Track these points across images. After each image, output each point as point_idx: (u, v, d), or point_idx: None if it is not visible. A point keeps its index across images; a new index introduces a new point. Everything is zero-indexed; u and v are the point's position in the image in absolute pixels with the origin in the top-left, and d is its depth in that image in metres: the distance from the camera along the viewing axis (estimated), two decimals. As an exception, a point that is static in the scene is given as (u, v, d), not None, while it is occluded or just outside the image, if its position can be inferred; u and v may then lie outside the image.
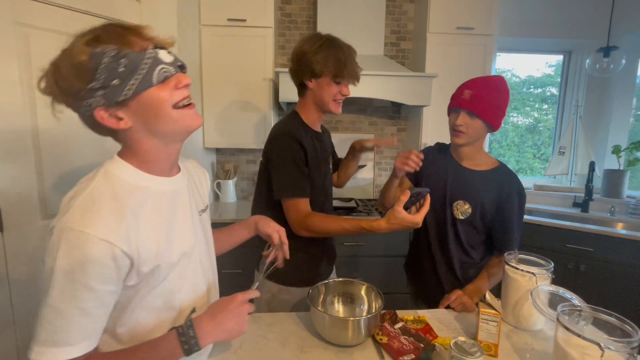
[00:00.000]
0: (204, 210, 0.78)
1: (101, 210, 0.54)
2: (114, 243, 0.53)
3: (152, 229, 0.60)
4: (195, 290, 0.71)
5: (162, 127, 0.59)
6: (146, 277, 0.60)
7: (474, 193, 1.11)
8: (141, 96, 0.55)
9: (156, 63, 0.56)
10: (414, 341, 0.86)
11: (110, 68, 0.53)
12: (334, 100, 1.10)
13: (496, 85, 1.04)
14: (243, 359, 0.81)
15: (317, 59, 1.03)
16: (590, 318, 0.73)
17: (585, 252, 1.91)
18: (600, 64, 2.24)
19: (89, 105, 0.54)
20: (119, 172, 0.60)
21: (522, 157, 2.94)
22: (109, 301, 0.57)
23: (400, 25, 2.45)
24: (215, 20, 2.00)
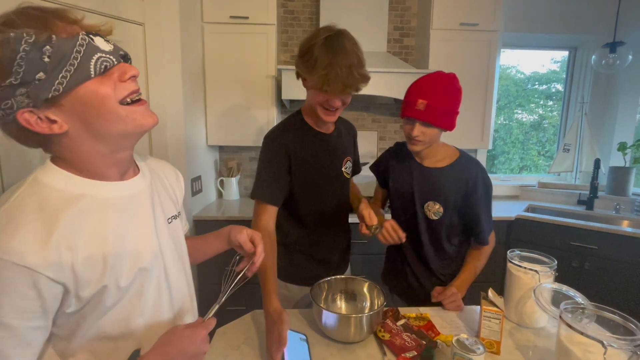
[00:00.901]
0: (175, 217, 0.67)
1: (21, 228, 0.44)
2: (36, 269, 0.43)
3: (97, 245, 0.50)
4: (159, 312, 0.59)
5: (107, 127, 0.48)
6: (91, 301, 0.50)
7: (440, 191, 1.09)
8: (77, 91, 0.45)
9: (92, 51, 0.46)
10: (416, 338, 0.86)
11: (30, 58, 0.42)
12: (321, 107, 0.98)
13: (449, 90, 1.00)
14: (246, 355, 0.82)
15: (302, 63, 0.94)
16: (593, 316, 0.73)
17: (590, 250, 1.89)
18: (607, 59, 2.21)
19: (9, 109, 0.43)
20: (51, 180, 0.49)
21: (527, 155, 2.92)
22: (33, 339, 0.46)
23: (403, 22, 2.43)
24: (218, 17, 2.00)
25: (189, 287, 0.69)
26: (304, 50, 0.94)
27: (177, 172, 0.76)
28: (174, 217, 0.67)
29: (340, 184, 1.14)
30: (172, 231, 0.65)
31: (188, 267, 0.70)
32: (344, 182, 1.16)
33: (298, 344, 0.82)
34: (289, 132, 1.05)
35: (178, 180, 0.74)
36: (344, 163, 1.14)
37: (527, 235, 2.07)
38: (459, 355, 0.70)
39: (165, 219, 0.63)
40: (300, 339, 0.84)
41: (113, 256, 0.51)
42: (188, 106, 1.85)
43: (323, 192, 1.09)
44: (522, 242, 2.06)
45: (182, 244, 0.69)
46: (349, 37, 0.94)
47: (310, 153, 1.06)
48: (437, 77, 1.01)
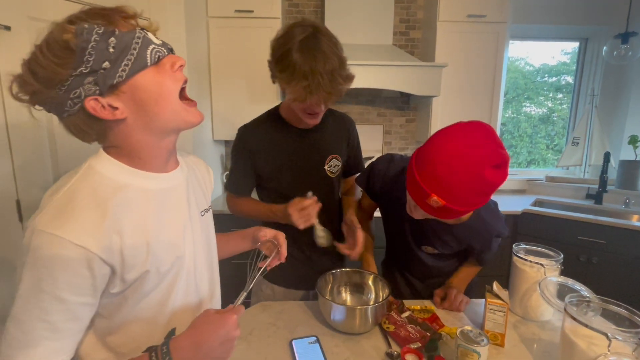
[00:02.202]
0: (206, 210, 0.72)
1: (78, 211, 0.48)
2: (91, 249, 0.47)
3: (141, 231, 0.54)
4: (188, 299, 0.64)
5: (161, 114, 0.53)
6: (134, 284, 0.54)
7: (441, 243, 0.95)
8: (136, 79, 0.50)
9: (147, 43, 0.50)
10: (421, 330, 0.87)
11: (99, 48, 0.46)
12: (303, 112, 0.92)
13: (483, 189, 0.70)
14: (253, 345, 0.83)
15: (279, 71, 0.84)
16: (599, 309, 0.73)
17: (598, 244, 1.88)
18: (618, 50, 2.16)
19: (78, 97, 0.48)
20: (103, 168, 0.54)
21: (535, 148, 2.88)
22: (82, 314, 0.50)
23: (409, 14, 2.40)
24: (223, 11, 2.00)
25: (215, 277, 0.74)
26: (278, 57, 0.83)
27: (209, 167, 0.80)
28: (205, 210, 0.71)
29: (322, 184, 1.06)
30: (204, 223, 0.70)
31: (215, 258, 0.75)
32: (328, 182, 1.07)
33: (308, 348, 0.81)
34: (258, 128, 1.02)
35: (209, 175, 0.79)
36: (327, 161, 1.05)
37: (533, 229, 2.06)
38: (463, 346, 0.71)
39: (198, 211, 0.68)
40: (310, 343, 0.83)
41: (154, 244, 0.55)
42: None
43: (297, 189, 0.98)
44: (528, 237, 2.05)
45: (212, 236, 0.74)
46: (326, 34, 0.83)
47: (282, 150, 1.01)
48: (467, 172, 0.68)
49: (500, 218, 0.96)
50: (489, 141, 0.69)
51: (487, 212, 0.92)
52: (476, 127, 0.71)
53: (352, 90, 2.13)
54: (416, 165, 0.75)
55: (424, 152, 0.74)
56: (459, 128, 0.72)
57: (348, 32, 2.15)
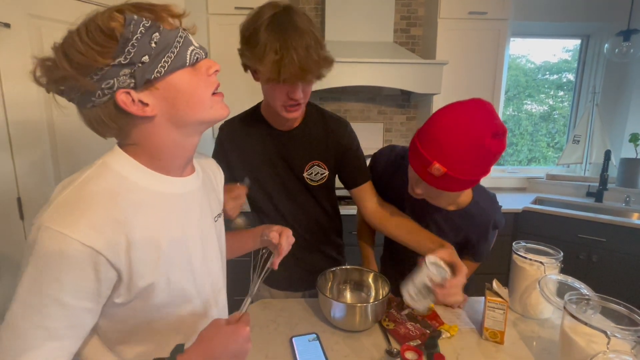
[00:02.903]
0: (220, 215, 0.69)
1: (88, 209, 0.45)
2: (99, 250, 0.44)
3: (151, 237, 0.51)
4: (200, 308, 0.61)
5: (190, 114, 0.52)
6: (141, 295, 0.51)
7: (439, 232, 0.94)
8: (172, 77, 0.49)
9: (188, 43, 0.50)
10: (420, 327, 0.87)
11: (142, 42, 0.45)
12: (281, 104, 0.83)
13: (483, 157, 0.72)
14: (253, 342, 0.83)
15: (249, 51, 0.76)
16: (598, 307, 0.73)
17: (598, 242, 1.88)
18: (620, 48, 2.15)
19: (110, 88, 0.46)
20: (119, 167, 0.51)
21: (536, 146, 2.88)
22: (83, 321, 0.47)
23: (410, 11, 2.39)
24: (223, 8, 1.99)
25: (223, 284, 0.72)
26: (247, 36, 0.77)
27: (220, 169, 0.78)
28: (219, 215, 0.69)
29: (301, 193, 0.99)
30: (218, 229, 0.67)
31: (225, 265, 0.73)
32: (308, 191, 0.99)
33: (309, 345, 0.81)
34: (236, 125, 0.97)
35: (221, 176, 0.76)
36: (307, 168, 0.96)
37: (534, 227, 2.06)
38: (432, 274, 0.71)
39: (212, 217, 0.66)
40: (310, 340, 0.83)
41: (165, 252, 0.53)
42: (194, 98, 1.86)
43: (274, 197, 0.95)
44: (528, 235, 2.05)
45: (223, 242, 0.71)
46: (299, 13, 0.77)
47: (256, 151, 0.95)
48: (468, 138, 0.70)
49: (497, 208, 0.97)
50: (487, 112, 0.72)
51: (485, 200, 0.94)
52: (475, 101, 0.74)
53: (353, 88, 2.12)
54: (418, 137, 0.78)
55: (425, 126, 0.77)
56: (458, 103, 0.75)
57: (348, 30, 2.14)
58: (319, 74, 0.79)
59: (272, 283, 1.11)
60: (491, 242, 1.01)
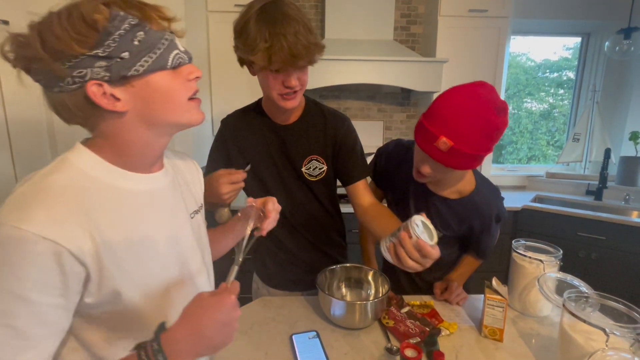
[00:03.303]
0: (197, 212, 0.68)
1: (46, 202, 0.43)
2: (60, 243, 0.42)
3: (113, 234, 0.49)
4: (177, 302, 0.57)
5: (163, 116, 0.51)
6: (112, 293, 0.48)
7: (442, 222, 0.96)
8: (150, 77, 0.48)
9: (172, 47, 0.50)
10: (420, 325, 0.88)
11: (125, 38, 0.45)
12: (277, 93, 0.84)
13: (486, 131, 0.75)
14: (253, 340, 0.84)
15: (242, 44, 0.79)
16: (597, 305, 0.73)
17: (597, 240, 1.88)
18: (621, 46, 2.15)
19: (81, 77, 0.44)
20: (81, 162, 0.50)
21: (535, 144, 2.88)
22: (53, 318, 0.44)
23: (410, 9, 2.38)
24: (223, 6, 1.98)
25: (209, 280, 0.70)
26: (239, 30, 0.80)
27: (197, 165, 0.76)
28: (195, 212, 0.67)
29: (300, 187, 0.98)
30: (195, 225, 0.66)
31: (209, 260, 0.71)
32: (307, 186, 0.99)
33: (309, 343, 0.82)
34: (237, 119, 0.98)
35: (199, 175, 0.75)
36: (306, 162, 0.96)
37: (533, 225, 2.07)
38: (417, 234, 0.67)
39: (187, 214, 0.64)
40: (310, 338, 0.83)
41: (132, 248, 0.51)
42: (194, 96, 1.86)
43: (274, 193, 0.90)
44: (528, 233, 2.05)
45: (203, 238, 0.69)
46: (287, 2, 0.78)
47: (256, 144, 0.96)
48: (474, 110, 0.74)
49: (500, 200, 0.97)
50: (490, 90, 0.78)
51: (488, 189, 0.95)
52: (478, 82, 0.79)
53: (352, 86, 2.12)
54: (424, 117, 0.82)
55: (431, 106, 0.81)
56: (462, 85, 0.80)
57: (348, 27, 2.13)
58: (311, 60, 0.80)
59: (271, 282, 1.12)
60: (495, 237, 1.00)
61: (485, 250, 1.03)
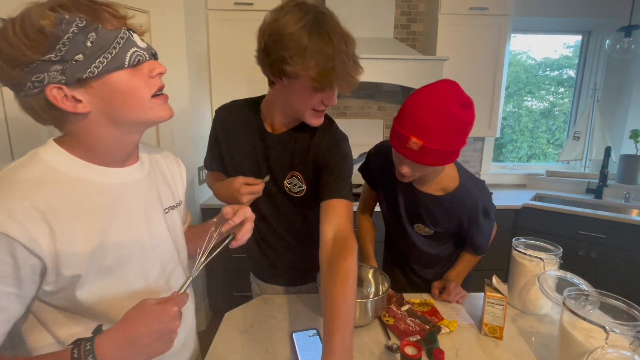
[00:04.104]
0: (172, 207, 0.67)
1: (5, 196, 0.45)
2: (13, 237, 0.44)
3: (79, 227, 0.50)
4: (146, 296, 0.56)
5: (128, 115, 0.51)
6: (70, 283, 0.50)
7: (431, 218, 0.99)
8: (109, 77, 0.48)
9: (129, 45, 0.50)
10: (420, 323, 0.88)
11: (75, 41, 0.45)
12: (312, 110, 0.79)
13: (452, 127, 0.78)
14: (254, 338, 0.84)
15: (291, 60, 0.70)
16: (597, 302, 0.73)
17: (597, 238, 1.88)
18: (621, 44, 2.14)
19: (40, 82, 0.46)
20: (49, 157, 0.51)
21: (536, 143, 2.88)
22: (5, 306, 0.46)
23: (410, 7, 2.37)
24: (222, 4, 1.98)
25: (179, 273, 0.68)
26: (284, 42, 0.69)
27: (180, 162, 0.76)
28: (171, 208, 0.67)
29: (282, 200, 0.93)
30: (169, 221, 0.65)
31: (185, 257, 0.70)
32: (289, 200, 0.93)
33: (309, 341, 0.82)
34: (228, 110, 0.95)
35: (180, 171, 0.74)
36: (287, 177, 0.90)
37: (533, 223, 2.07)
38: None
39: (162, 209, 0.64)
40: (310, 336, 0.84)
41: (96, 241, 0.52)
42: (194, 94, 1.85)
43: (259, 197, 0.85)
44: (528, 231, 2.05)
45: (179, 235, 0.68)
46: (331, 13, 0.74)
47: (245, 145, 0.91)
48: (438, 109, 0.77)
49: (486, 193, 0.98)
50: (454, 87, 0.81)
51: (471, 183, 0.96)
52: (442, 81, 0.83)
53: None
54: (395, 120, 0.85)
55: (401, 108, 0.85)
56: (427, 85, 0.83)
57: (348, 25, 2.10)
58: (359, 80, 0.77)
59: (261, 277, 1.11)
60: (486, 230, 1.00)
61: (480, 246, 1.02)
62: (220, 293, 2.11)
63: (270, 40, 0.73)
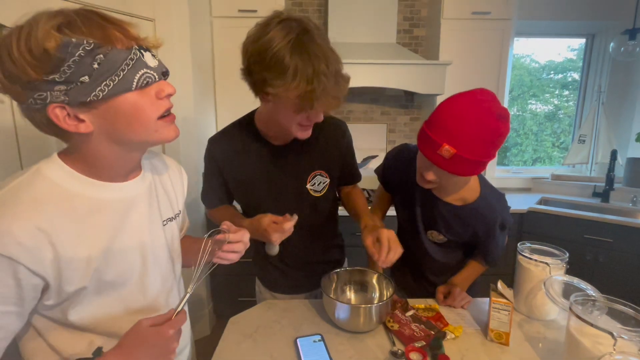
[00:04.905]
0: (171, 219, 0.66)
1: (10, 217, 0.44)
2: (16, 259, 0.43)
3: (82, 244, 0.50)
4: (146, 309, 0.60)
5: (131, 136, 0.50)
6: (71, 298, 0.50)
7: (446, 227, 0.97)
8: (115, 100, 0.47)
9: (139, 66, 0.48)
10: (425, 329, 0.87)
11: (82, 63, 0.43)
12: (298, 125, 0.81)
13: (489, 137, 0.76)
14: (258, 343, 0.84)
15: (272, 81, 0.71)
16: (604, 308, 0.73)
17: (604, 242, 1.86)
18: (626, 47, 2.13)
19: (42, 100, 0.44)
20: (52, 174, 0.50)
21: (541, 146, 2.86)
22: (4, 323, 0.46)
23: (413, 12, 2.39)
24: (226, 11, 2.01)
25: (178, 290, 0.69)
26: (267, 62, 0.70)
27: (182, 171, 0.75)
28: (169, 220, 0.66)
29: (304, 205, 0.96)
30: (168, 233, 0.65)
31: (179, 269, 0.70)
32: (311, 202, 0.97)
33: (313, 346, 0.82)
34: (226, 139, 0.95)
35: (182, 181, 0.73)
36: (310, 179, 0.95)
37: (539, 228, 2.05)
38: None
39: (160, 221, 0.63)
40: (314, 342, 0.83)
41: (99, 257, 0.52)
42: (198, 101, 1.88)
43: (266, 209, 0.87)
44: (534, 235, 2.03)
45: (175, 246, 0.68)
46: (317, 31, 0.73)
47: (251, 165, 0.92)
48: (475, 119, 0.75)
49: (505, 207, 0.97)
50: (491, 97, 0.79)
51: (492, 196, 0.95)
52: (479, 90, 0.80)
53: (356, 89, 2.13)
54: (426, 125, 0.83)
55: (433, 114, 0.83)
56: (463, 92, 0.81)
57: (351, 31, 2.14)
58: (344, 99, 0.78)
59: (273, 288, 1.11)
60: (500, 243, 1.00)
61: (494, 258, 1.02)
62: (225, 298, 2.11)
63: (252, 60, 0.73)
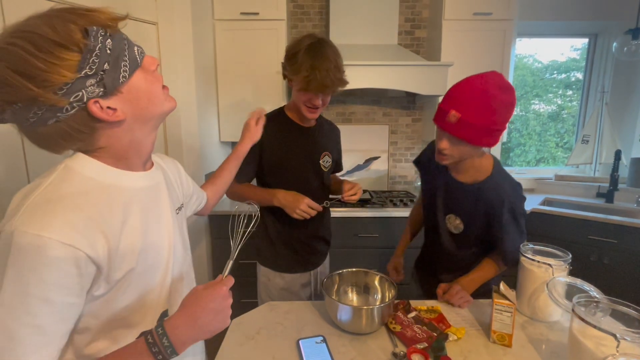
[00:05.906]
0: (180, 208, 0.71)
1: (60, 210, 0.46)
2: (78, 247, 0.45)
3: (127, 232, 0.53)
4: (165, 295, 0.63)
5: (153, 110, 0.54)
6: (117, 286, 0.53)
7: (462, 208, 1.03)
8: (131, 80, 0.50)
9: (131, 44, 0.51)
10: (427, 330, 0.87)
11: (102, 51, 0.46)
12: (304, 105, 1.10)
13: (490, 105, 0.85)
14: (261, 344, 0.85)
15: (289, 66, 1.06)
16: (608, 310, 0.72)
17: (609, 243, 1.84)
18: (629, 46, 2.12)
19: (79, 101, 0.45)
20: (83, 169, 0.52)
21: (544, 146, 2.84)
22: (68, 316, 0.48)
23: (414, 13, 2.39)
24: (228, 14, 2.02)
25: (191, 273, 0.74)
26: (290, 55, 1.07)
27: (175, 160, 0.80)
28: (179, 208, 0.71)
29: (315, 175, 1.23)
30: (179, 221, 0.70)
31: (190, 257, 0.75)
32: (320, 174, 1.24)
33: (315, 348, 0.82)
34: (267, 124, 1.10)
35: (178, 169, 0.79)
36: (322, 157, 1.24)
37: (543, 229, 2.04)
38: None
39: (174, 209, 0.68)
40: (317, 343, 0.84)
41: (140, 243, 0.55)
42: (201, 103, 1.89)
43: (296, 179, 1.17)
44: (537, 236, 2.02)
45: (185, 232, 0.73)
46: (330, 44, 1.06)
47: (285, 144, 1.17)
48: (478, 86, 0.87)
49: (519, 195, 0.99)
50: (496, 74, 0.89)
51: (500, 177, 0.99)
52: (488, 72, 0.91)
53: (358, 91, 2.13)
54: (440, 102, 0.95)
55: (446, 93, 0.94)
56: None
57: (353, 32, 2.15)
58: (334, 90, 1.07)
59: (280, 267, 1.23)
60: (512, 234, 0.98)
61: (510, 252, 0.99)
62: (228, 299, 2.11)
63: (285, 57, 1.10)
